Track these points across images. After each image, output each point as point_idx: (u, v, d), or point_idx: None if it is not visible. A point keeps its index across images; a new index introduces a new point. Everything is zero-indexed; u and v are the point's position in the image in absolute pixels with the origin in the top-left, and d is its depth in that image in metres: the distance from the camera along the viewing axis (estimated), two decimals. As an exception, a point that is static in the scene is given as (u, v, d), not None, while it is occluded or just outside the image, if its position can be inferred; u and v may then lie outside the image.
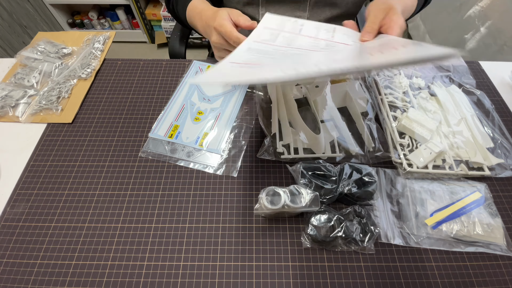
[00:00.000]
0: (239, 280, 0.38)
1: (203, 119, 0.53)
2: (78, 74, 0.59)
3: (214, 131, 0.51)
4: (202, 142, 0.50)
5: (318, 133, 0.50)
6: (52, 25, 1.79)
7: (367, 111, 0.53)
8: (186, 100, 0.56)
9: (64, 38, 0.65)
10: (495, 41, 0.90)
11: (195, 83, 0.57)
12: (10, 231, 0.41)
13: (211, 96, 0.56)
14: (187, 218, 0.43)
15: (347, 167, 0.44)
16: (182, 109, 0.54)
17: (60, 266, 0.39)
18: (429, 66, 0.61)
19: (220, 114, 0.54)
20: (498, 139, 0.50)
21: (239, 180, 0.46)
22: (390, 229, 0.42)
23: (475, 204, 0.43)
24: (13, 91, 0.54)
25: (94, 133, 0.51)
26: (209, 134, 0.51)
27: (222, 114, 0.54)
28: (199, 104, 0.55)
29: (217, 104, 0.55)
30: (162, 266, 0.39)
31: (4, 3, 1.43)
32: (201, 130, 0.51)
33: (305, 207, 0.38)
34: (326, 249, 0.40)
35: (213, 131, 0.51)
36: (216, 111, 0.54)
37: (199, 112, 0.54)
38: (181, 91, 0.57)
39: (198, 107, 0.55)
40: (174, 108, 0.54)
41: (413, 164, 0.46)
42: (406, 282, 0.38)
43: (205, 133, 0.51)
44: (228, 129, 0.52)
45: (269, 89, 0.55)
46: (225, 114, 0.54)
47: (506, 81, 0.61)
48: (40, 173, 0.46)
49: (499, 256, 0.40)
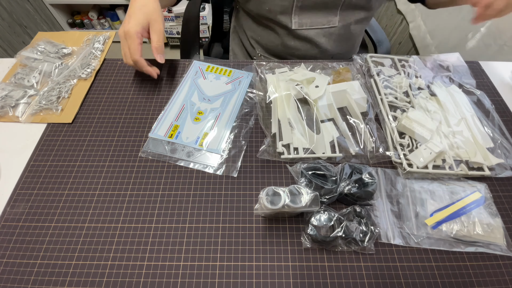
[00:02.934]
0: (239, 280, 0.38)
1: (203, 119, 0.53)
2: (78, 74, 0.59)
3: (214, 131, 0.51)
4: (202, 142, 0.50)
5: (318, 133, 0.50)
6: (52, 25, 1.79)
7: (367, 111, 0.53)
8: (186, 100, 0.56)
9: (64, 38, 0.65)
10: (495, 41, 0.90)
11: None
12: (10, 231, 0.41)
13: (211, 96, 0.56)
14: (187, 218, 0.43)
15: (347, 167, 0.44)
16: (182, 109, 0.54)
17: (60, 266, 0.39)
18: (429, 66, 0.61)
19: (220, 114, 0.54)
20: (498, 139, 0.50)
21: (239, 180, 0.46)
22: (390, 229, 0.42)
23: (475, 204, 0.43)
24: (13, 91, 0.54)
25: (94, 133, 0.51)
26: (209, 134, 0.51)
27: (222, 114, 0.54)
28: (199, 104, 0.55)
29: (217, 104, 0.55)
30: (162, 266, 0.39)
31: (4, 3, 1.43)
32: (201, 130, 0.51)
33: (305, 207, 0.38)
34: (326, 249, 0.40)
35: (213, 131, 0.51)
36: (216, 111, 0.54)
37: (199, 112, 0.54)
38: (181, 91, 0.57)
39: (198, 107, 0.55)
40: (174, 108, 0.54)
41: (413, 164, 0.46)
42: (406, 282, 0.38)
43: (205, 133, 0.51)
44: (228, 129, 0.52)
45: (269, 89, 0.55)
46: (225, 114, 0.54)
47: (506, 81, 0.61)
48: (40, 173, 0.46)
49: (499, 256, 0.40)
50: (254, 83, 0.58)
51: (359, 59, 0.61)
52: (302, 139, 0.49)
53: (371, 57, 0.61)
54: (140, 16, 0.49)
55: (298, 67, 0.60)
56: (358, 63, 0.61)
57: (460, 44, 1.04)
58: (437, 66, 0.61)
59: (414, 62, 0.61)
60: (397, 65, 0.60)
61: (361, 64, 0.60)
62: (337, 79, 0.57)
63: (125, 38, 0.49)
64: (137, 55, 0.49)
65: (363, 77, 0.58)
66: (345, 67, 0.60)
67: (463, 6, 0.58)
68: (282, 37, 0.67)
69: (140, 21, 0.49)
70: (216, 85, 0.58)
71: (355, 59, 0.61)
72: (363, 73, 0.59)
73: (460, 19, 1.03)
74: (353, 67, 0.60)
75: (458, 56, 0.62)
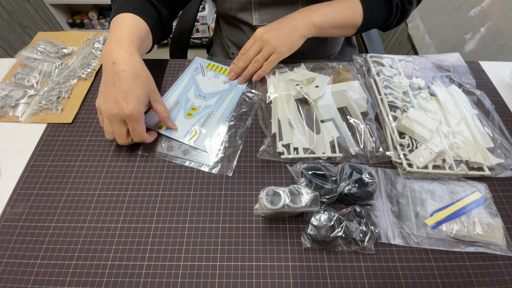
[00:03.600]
0: (239, 280, 0.38)
1: (196, 115, 0.53)
2: (78, 74, 0.59)
3: (204, 129, 0.51)
4: (191, 138, 0.50)
5: (318, 133, 0.50)
6: (52, 25, 1.79)
7: (367, 111, 0.53)
8: (182, 95, 0.56)
9: (64, 38, 0.65)
10: (495, 41, 0.90)
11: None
12: (10, 231, 0.41)
13: (207, 93, 0.56)
14: (187, 218, 0.43)
15: (347, 167, 0.44)
16: (177, 103, 0.54)
17: (60, 266, 0.39)
18: (429, 66, 0.61)
19: (213, 112, 0.53)
20: (498, 139, 0.50)
21: (239, 180, 0.46)
22: (390, 229, 0.42)
23: (475, 204, 0.43)
24: (13, 91, 0.54)
25: (94, 133, 0.51)
26: (198, 131, 0.51)
27: (215, 112, 0.54)
28: (194, 100, 0.55)
29: (212, 101, 0.55)
30: (162, 266, 0.39)
31: (4, 3, 1.43)
32: (191, 126, 0.51)
33: (305, 207, 0.38)
34: (326, 249, 0.40)
35: (203, 128, 0.51)
36: (209, 108, 0.54)
37: (192, 108, 0.54)
38: (179, 85, 0.57)
39: (193, 103, 0.55)
40: (169, 101, 0.55)
41: (413, 164, 0.46)
42: (406, 282, 0.38)
43: (195, 129, 0.51)
44: (218, 127, 0.52)
45: (269, 89, 0.55)
46: (218, 112, 0.54)
47: (506, 81, 0.61)
48: (40, 173, 0.46)
49: (499, 256, 0.40)
50: (254, 83, 0.58)
51: (359, 59, 0.61)
52: (302, 139, 0.49)
53: (371, 57, 0.61)
54: (138, 92, 0.42)
55: (298, 67, 0.60)
56: (358, 63, 0.61)
57: (459, 44, 1.04)
58: (437, 66, 0.61)
59: (414, 62, 0.61)
60: (397, 65, 0.60)
61: (361, 64, 0.60)
62: (337, 79, 0.57)
63: (126, 120, 0.42)
64: (145, 135, 0.44)
65: (363, 77, 0.58)
66: (345, 67, 0.60)
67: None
68: (248, 34, 0.66)
69: (141, 99, 0.42)
70: (213, 83, 0.58)
71: (355, 59, 0.61)
72: (363, 73, 0.59)
73: (460, 19, 1.03)
74: (353, 67, 0.60)
75: (458, 56, 0.62)
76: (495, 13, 0.90)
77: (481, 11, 0.94)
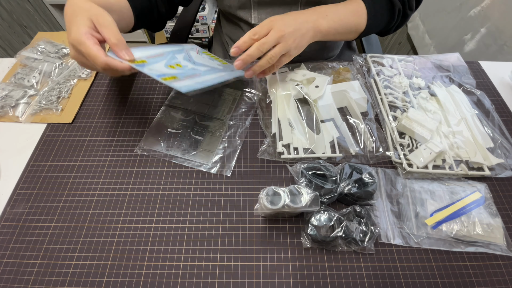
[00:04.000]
0: (239, 280, 0.38)
1: (178, 70, 0.44)
2: (78, 74, 0.59)
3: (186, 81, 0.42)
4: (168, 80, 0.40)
5: (318, 133, 0.50)
6: (52, 25, 1.79)
7: (367, 111, 0.53)
8: (168, 53, 0.47)
9: (64, 38, 0.65)
10: (495, 41, 0.90)
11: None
12: (10, 231, 0.41)
13: (198, 62, 0.50)
14: (187, 218, 0.43)
15: (347, 167, 0.44)
16: (159, 55, 0.45)
17: (60, 266, 0.39)
18: (429, 66, 0.61)
19: (199, 75, 0.46)
20: (498, 139, 0.50)
21: (239, 180, 0.46)
22: (390, 229, 0.42)
23: (475, 204, 0.43)
24: (13, 91, 0.54)
25: (94, 133, 0.51)
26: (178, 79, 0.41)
27: (202, 76, 0.46)
28: (181, 60, 0.47)
29: (201, 68, 0.48)
30: (162, 266, 0.39)
31: (4, 3, 1.43)
32: (171, 74, 0.42)
33: (305, 207, 0.38)
34: (326, 249, 0.40)
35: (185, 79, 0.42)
36: (196, 71, 0.46)
37: (177, 64, 0.45)
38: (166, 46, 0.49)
39: (179, 61, 0.46)
40: (148, 51, 0.44)
41: (413, 164, 0.46)
42: (406, 282, 0.38)
43: (174, 77, 0.41)
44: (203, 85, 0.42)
45: (269, 89, 0.55)
46: (204, 77, 0.46)
47: (506, 81, 0.61)
48: (40, 173, 0.46)
49: (499, 256, 0.40)
50: (253, 83, 0.58)
51: (359, 59, 0.61)
52: (302, 139, 0.49)
53: (371, 57, 0.61)
54: (77, 18, 0.40)
55: (298, 67, 0.60)
56: (358, 63, 0.61)
57: (458, 44, 1.04)
58: (437, 66, 0.61)
59: (414, 62, 0.61)
60: (397, 65, 0.60)
61: (361, 64, 0.60)
62: (337, 79, 0.57)
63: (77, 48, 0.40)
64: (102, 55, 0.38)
65: (363, 77, 0.58)
66: (345, 67, 0.60)
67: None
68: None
69: (80, 22, 0.39)
70: (207, 61, 0.53)
71: (355, 59, 0.61)
72: (363, 73, 0.59)
73: (459, 19, 1.03)
74: (353, 67, 0.60)
75: (458, 56, 0.62)
76: (495, 13, 0.90)
77: (481, 11, 0.94)
